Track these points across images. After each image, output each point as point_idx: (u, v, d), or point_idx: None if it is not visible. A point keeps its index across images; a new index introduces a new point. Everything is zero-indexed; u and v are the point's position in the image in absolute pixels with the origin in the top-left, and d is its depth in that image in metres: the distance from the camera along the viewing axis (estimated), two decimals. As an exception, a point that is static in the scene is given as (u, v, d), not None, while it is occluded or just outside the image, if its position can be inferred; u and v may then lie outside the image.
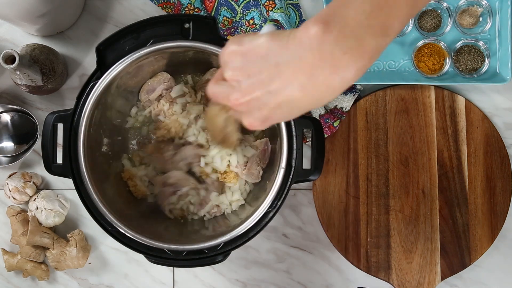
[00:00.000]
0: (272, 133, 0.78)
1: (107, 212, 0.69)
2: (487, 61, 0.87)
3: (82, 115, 0.70)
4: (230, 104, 0.49)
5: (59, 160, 0.70)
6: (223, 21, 0.88)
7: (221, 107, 0.61)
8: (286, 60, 0.44)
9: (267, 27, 0.51)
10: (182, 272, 0.89)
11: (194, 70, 0.84)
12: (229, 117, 0.61)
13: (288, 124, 0.70)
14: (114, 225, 0.69)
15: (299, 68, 0.43)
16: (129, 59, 0.69)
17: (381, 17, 0.42)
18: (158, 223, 0.79)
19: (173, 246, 0.70)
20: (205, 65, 0.80)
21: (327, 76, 0.43)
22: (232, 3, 0.88)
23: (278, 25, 0.80)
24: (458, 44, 0.87)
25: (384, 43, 0.43)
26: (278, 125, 0.71)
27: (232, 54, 0.48)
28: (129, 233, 0.69)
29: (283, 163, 0.70)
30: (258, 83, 0.46)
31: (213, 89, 0.51)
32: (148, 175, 0.81)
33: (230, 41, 0.49)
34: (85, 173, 0.69)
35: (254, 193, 0.81)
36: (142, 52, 0.69)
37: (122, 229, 0.69)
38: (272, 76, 0.45)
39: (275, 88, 0.45)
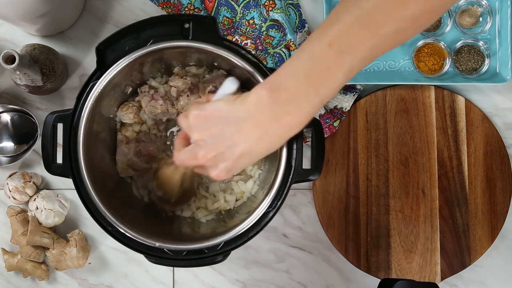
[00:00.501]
0: None
1: (107, 212, 0.69)
2: (487, 61, 0.87)
3: (82, 115, 0.69)
4: (198, 162, 0.58)
5: (59, 160, 0.70)
6: (223, 21, 0.88)
7: (174, 167, 0.69)
8: (244, 119, 0.54)
9: (230, 82, 0.61)
10: (182, 272, 0.89)
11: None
12: (183, 173, 0.69)
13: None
14: (114, 224, 0.69)
15: (255, 125, 0.54)
16: (128, 59, 0.69)
17: (315, 87, 0.52)
18: (158, 223, 0.79)
19: (173, 246, 0.69)
20: (207, 65, 0.80)
21: (277, 129, 0.54)
22: (232, 3, 0.88)
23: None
24: (458, 44, 0.87)
25: (318, 105, 0.54)
26: None
27: (197, 118, 0.57)
28: (129, 233, 0.69)
29: (283, 163, 0.70)
30: (222, 140, 0.55)
31: (180, 156, 0.61)
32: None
33: (192, 107, 0.58)
34: (85, 173, 0.69)
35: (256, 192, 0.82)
36: (141, 52, 0.69)
37: (122, 228, 0.69)
38: (233, 132, 0.55)
39: (237, 142, 0.55)
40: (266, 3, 0.86)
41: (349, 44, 0.51)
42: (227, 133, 0.55)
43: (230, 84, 0.61)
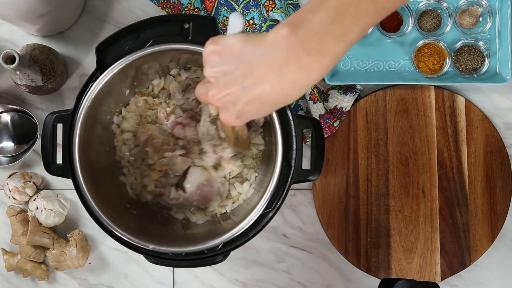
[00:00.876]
0: (268, 129, 0.78)
1: (102, 215, 0.69)
2: (487, 61, 0.87)
3: (80, 115, 0.69)
4: (209, 101, 0.53)
5: (59, 160, 0.70)
6: (223, 21, 0.88)
7: None
8: (258, 58, 0.48)
9: (233, 18, 0.53)
10: (182, 272, 0.89)
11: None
12: None
13: (285, 122, 0.70)
14: (110, 228, 0.69)
15: (269, 66, 0.48)
16: (126, 60, 0.69)
17: (342, 23, 0.46)
18: (153, 224, 0.79)
19: (172, 249, 0.69)
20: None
21: (293, 73, 0.47)
22: (232, 3, 0.88)
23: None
24: (458, 44, 0.87)
25: (345, 47, 0.47)
26: (272, 121, 0.70)
27: (210, 54, 0.52)
28: (125, 236, 0.69)
29: (278, 162, 0.69)
30: (233, 80, 0.50)
31: (198, 89, 0.57)
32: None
33: (209, 41, 0.53)
34: (80, 174, 0.69)
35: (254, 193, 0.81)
36: (140, 53, 0.69)
37: (118, 231, 0.69)
38: (245, 73, 0.49)
39: (248, 84, 0.49)
40: (266, 3, 0.86)
41: None
42: (239, 73, 0.49)
43: (234, 21, 0.53)
